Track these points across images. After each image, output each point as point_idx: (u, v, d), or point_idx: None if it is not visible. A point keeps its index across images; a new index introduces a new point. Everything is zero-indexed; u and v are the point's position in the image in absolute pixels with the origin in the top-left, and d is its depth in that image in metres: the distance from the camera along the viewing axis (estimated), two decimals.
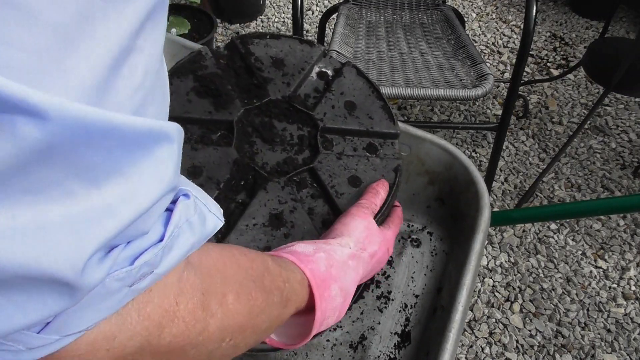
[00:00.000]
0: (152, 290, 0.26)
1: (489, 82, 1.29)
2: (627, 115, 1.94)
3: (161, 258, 0.25)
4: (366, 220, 0.50)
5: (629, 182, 1.70)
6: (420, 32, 1.62)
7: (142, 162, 0.21)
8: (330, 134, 0.58)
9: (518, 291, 1.43)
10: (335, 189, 0.54)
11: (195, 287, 0.29)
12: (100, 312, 0.23)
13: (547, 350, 1.32)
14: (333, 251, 0.45)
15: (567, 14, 2.46)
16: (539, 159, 1.77)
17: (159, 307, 0.26)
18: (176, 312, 0.27)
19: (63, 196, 0.18)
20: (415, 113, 1.93)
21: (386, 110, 0.61)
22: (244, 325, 0.33)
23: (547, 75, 2.11)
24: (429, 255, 0.74)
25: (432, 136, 0.71)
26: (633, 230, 1.58)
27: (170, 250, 0.26)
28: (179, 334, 0.27)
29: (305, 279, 0.41)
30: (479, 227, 0.64)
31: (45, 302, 0.20)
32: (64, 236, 0.19)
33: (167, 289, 0.27)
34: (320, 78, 0.63)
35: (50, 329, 0.22)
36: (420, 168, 0.74)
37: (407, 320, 0.67)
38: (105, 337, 0.24)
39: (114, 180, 0.20)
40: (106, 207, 0.20)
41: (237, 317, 0.32)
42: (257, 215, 0.50)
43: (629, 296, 1.42)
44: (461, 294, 0.58)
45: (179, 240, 0.26)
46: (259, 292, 0.35)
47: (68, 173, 0.18)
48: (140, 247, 0.23)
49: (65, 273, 0.19)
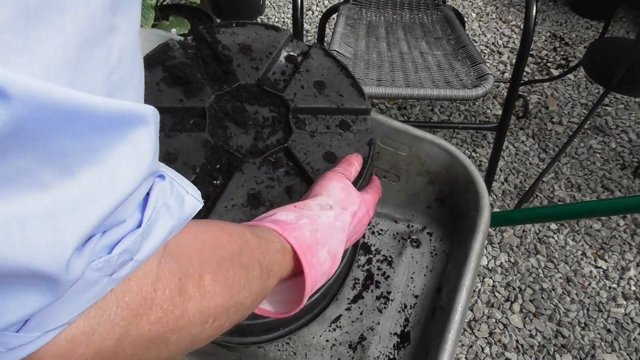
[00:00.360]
0: (131, 278, 0.25)
1: (489, 82, 1.29)
2: (627, 115, 1.94)
3: (140, 244, 0.24)
4: (343, 182, 0.49)
5: (629, 182, 1.70)
6: (420, 32, 1.62)
7: (118, 146, 0.20)
8: (302, 113, 0.59)
9: (518, 291, 1.43)
10: (310, 166, 0.54)
11: (172, 272, 0.28)
12: (81, 303, 0.22)
13: (547, 350, 1.32)
14: (316, 215, 0.44)
15: (567, 14, 2.45)
16: (539, 159, 1.77)
17: (137, 296, 0.25)
18: (154, 300, 0.26)
19: (37, 186, 0.17)
20: (415, 113, 1.93)
21: (355, 87, 0.62)
22: (225, 304, 0.32)
23: (547, 75, 2.11)
24: (429, 256, 0.74)
25: (432, 136, 0.71)
26: (633, 230, 1.58)
27: (149, 235, 0.25)
28: (157, 321, 0.27)
29: (287, 246, 0.40)
30: (479, 227, 0.64)
31: (24, 301, 0.19)
32: (43, 229, 0.18)
33: (146, 276, 0.26)
34: (288, 61, 0.64)
35: (29, 326, 0.21)
36: (420, 168, 0.74)
37: (406, 321, 0.67)
38: (84, 332, 0.23)
39: (89, 167, 0.19)
40: (84, 196, 0.19)
41: (216, 297, 0.31)
42: (235, 196, 0.51)
43: (629, 296, 1.42)
44: (461, 294, 0.58)
45: (157, 225, 0.25)
46: (237, 269, 0.34)
47: (39, 159, 0.17)
48: (117, 235, 0.23)
49: (49, 268, 0.18)
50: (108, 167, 0.20)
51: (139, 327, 0.26)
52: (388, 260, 0.74)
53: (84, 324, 0.23)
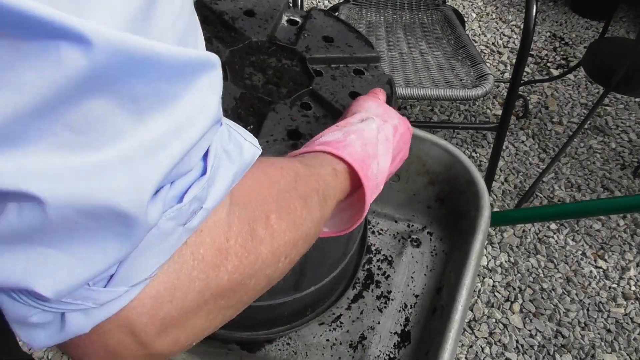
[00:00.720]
0: (203, 230, 0.25)
1: (489, 82, 1.29)
2: (627, 115, 1.94)
3: (207, 192, 0.24)
4: (377, 101, 0.49)
5: (629, 182, 1.70)
6: (420, 32, 1.62)
7: (186, 93, 0.21)
8: (317, 64, 0.60)
9: (518, 291, 1.43)
10: (339, 104, 0.55)
11: (241, 219, 0.28)
12: (160, 255, 0.23)
13: (547, 350, 1.32)
14: (362, 130, 0.44)
15: (567, 14, 2.45)
16: (539, 159, 1.77)
17: (212, 247, 0.26)
18: (228, 249, 0.27)
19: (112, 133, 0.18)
20: (415, 113, 1.93)
21: (362, 39, 0.64)
22: (293, 239, 0.32)
23: (547, 75, 2.11)
24: (429, 255, 0.74)
25: (432, 136, 0.71)
26: (633, 230, 1.58)
27: (214, 182, 0.25)
28: (234, 270, 0.27)
29: (338, 167, 0.40)
30: (479, 227, 0.64)
31: (105, 249, 0.20)
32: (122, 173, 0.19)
33: (217, 227, 0.26)
34: (291, 24, 0.65)
35: (115, 280, 0.22)
36: (420, 168, 0.74)
37: (406, 320, 0.67)
38: (167, 288, 0.24)
39: (160, 114, 0.20)
40: (157, 142, 0.20)
41: (284, 234, 0.31)
42: (275, 132, 0.51)
43: (629, 296, 1.42)
44: (461, 294, 0.58)
45: (220, 172, 0.26)
46: (297, 201, 0.33)
47: (114, 105, 0.18)
48: (185, 184, 0.23)
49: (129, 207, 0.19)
50: (177, 114, 0.20)
51: (217, 278, 0.26)
52: (388, 260, 0.74)
53: (165, 279, 0.24)
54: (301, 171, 0.36)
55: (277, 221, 0.31)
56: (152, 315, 0.24)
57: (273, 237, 0.30)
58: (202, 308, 0.26)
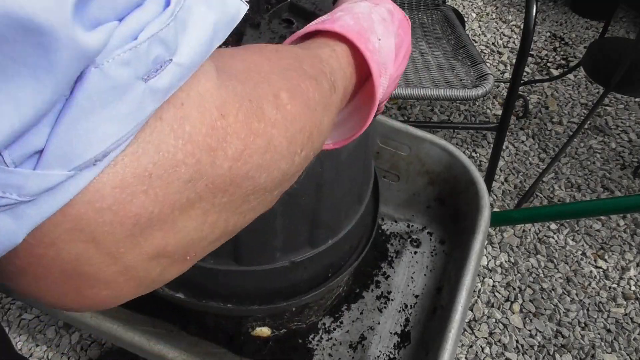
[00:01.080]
0: (184, 103, 0.19)
1: (489, 82, 1.29)
2: (627, 115, 1.94)
3: (177, 38, 0.18)
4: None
5: (629, 182, 1.70)
6: (420, 32, 1.62)
7: None
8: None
9: (518, 291, 1.43)
10: (324, 12, 0.50)
11: (238, 94, 0.22)
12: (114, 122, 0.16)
13: (547, 350, 1.32)
14: (350, 7, 0.38)
15: (567, 14, 2.45)
16: (539, 159, 1.77)
17: (201, 124, 0.20)
18: (226, 128, 0.20)
19: None
20: (415, 113, 1.93)
21: None
22: (308, 127, 0.26)
23: (547, 75, 2.11)
24: (429, 256, 0.74)
25: (432, 136, 0.71)
26: (633, 230, 1.58)
27: (185, 27, 0.19)
28: (238, 155, 0.21)
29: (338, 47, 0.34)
30: (479, 227, 0.64)
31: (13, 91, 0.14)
32: None
33: (204, 99, 0.20)
34: None
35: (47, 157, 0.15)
36: (420, 168, 0.74)
37: (406, 320, 0.67)
38: (137, 175, 0.18)
39: None
40: None
41: (299, 118, 0.25)
42: None
43: (629, 296, 1.42)
44: (461, 294, 0.58)
45: (194, 15, 0.19)
46: (307, 80, 0.27)
47: None
48: (140, 21, 0.17)
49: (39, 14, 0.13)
50: None
51: (214, 165, 0.20)
52: (388, 260, 0.74)
53: (133, 163, 0.18)
54: (300, 53, 0.30)
55: (289, 101, 0.25)
56: (118, 211, 0.17)
57: (286, 119, 0.24)
58: (194, 204, 0.20)
